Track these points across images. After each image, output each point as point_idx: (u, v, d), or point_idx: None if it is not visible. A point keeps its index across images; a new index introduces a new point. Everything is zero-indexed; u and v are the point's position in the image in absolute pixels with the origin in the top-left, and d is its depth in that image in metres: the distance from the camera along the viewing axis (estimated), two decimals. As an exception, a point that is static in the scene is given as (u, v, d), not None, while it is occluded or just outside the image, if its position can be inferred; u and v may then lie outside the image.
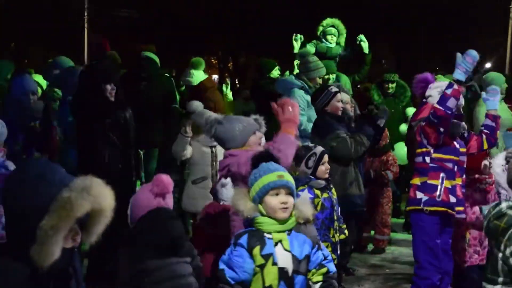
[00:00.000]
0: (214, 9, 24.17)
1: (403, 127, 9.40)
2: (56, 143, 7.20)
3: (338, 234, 5.76)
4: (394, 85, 9.79)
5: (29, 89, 7.18)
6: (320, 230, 5.57)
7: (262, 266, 3.62)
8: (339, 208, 5.83)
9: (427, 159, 5.83)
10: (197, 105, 7.06)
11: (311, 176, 5.61)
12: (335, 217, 5.73)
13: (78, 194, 2.87)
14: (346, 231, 5.94)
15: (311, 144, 5.92)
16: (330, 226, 5.67)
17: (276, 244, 3.66)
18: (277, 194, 3.70)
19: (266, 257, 3.63)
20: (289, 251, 3.68)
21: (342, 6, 18.72)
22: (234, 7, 23.88)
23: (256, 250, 3.60)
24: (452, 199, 5.80)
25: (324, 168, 5.66)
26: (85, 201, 2.87)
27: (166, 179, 4.32)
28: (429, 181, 5.82)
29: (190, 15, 24.04)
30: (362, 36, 9.36)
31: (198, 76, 9.57)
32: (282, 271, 3.65)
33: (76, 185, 2.90)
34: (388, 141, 8.38)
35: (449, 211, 5.82)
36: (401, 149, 9.31)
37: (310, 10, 20.22)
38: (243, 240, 3.61)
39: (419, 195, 5.85)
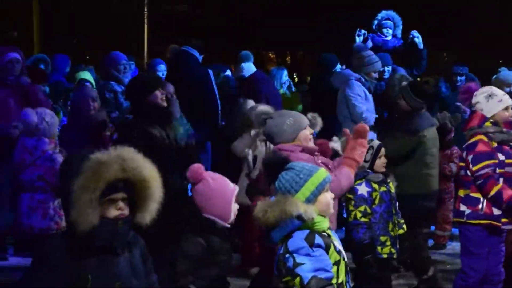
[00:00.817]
0: (270, 3, 24.17)
1: None
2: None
3: (396, 229, 5.69)
4: (463, 78, 9.70)
5: (89, 96, 7.26)
6: (378, 224, 5.54)
7: (337, 263, 3.57)
8: (397, 202, 5.77)
9: (469, 172, 5.70)
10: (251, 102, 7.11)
11: (368, 170, 5.58)
12: (394, 211, 5.67)
13: (108, 157, 2.98)
14: (404, 226, 5.86)
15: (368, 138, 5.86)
16: (389, 220, 5.64)
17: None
18: (327, 190, 3.65)
19: (339, 253, 3.59)
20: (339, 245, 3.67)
21: None
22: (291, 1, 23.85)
23: (332, 248, 3.54)
24: (496, 212, 5.64)
25: (381, 162, 5.62)
26: (115, 164, 2.97)
27: (197, 167, 4.28)
28: (471, 194, 5.70)
29: (246, 8, 24.09)
30: (415, 32, 9.20)
31: (248, 69, 9.54)
32: (347, 266, 3.66)
33: (112, 151, 3.01)
34: (453, 135, 8.21)
35: (494, 223, 5.66)
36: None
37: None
38: (318, 240, 3.50)
39: (463, 207, 5.74)
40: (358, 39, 9.16)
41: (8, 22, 25.88)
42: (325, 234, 3.59)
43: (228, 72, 10.38)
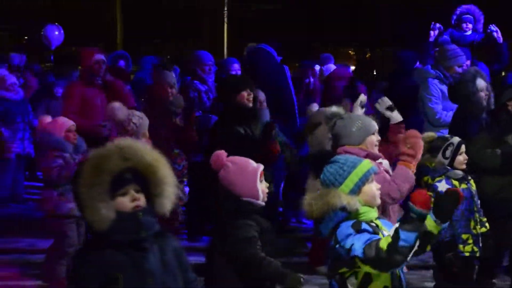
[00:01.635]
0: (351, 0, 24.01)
1: None
2: (194, 138, 7.31)
3: (479, 227, 5.63)
4: None
5: (167, 82, 7.30)
6: (460, 221, 5.48)
7: None
8: (479, 200, 5.70)
9: None
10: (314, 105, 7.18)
11: (448, 167, 5.52)
12: (475, 209, 5.61)
13: (106, 149, 2.95)
14: (487, 224, 5.78)
15: (447, 135, 5.82)
16: (470, 218, 5.56)
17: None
18: (372, 181, 3.68)
19: None
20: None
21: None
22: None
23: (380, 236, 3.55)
24: None
25: (462, 158, 5.55)
26: (114, 155, 2.92)
27: (220, 154, 4.33)
28: None
29: (328, 6, 23.98)
30: (493, 26, 9.02)
31: (328, 70, 9.58)
32: None
33: (110, 144, 2.98)
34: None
35: None
36: None
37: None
38: (365, 226, 3.54)
39: None
40: (433, 34, 9.06)
41: (91, 22, 26.51)
42: (373, 224, 3.61)
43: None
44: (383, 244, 3.36)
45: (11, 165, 9.81)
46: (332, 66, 9.66)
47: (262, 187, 4.23)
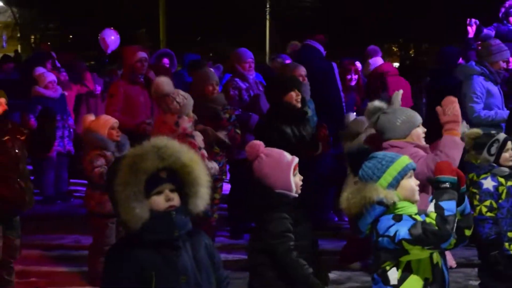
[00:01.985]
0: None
1: None
2: (236, 138, 7.30)
3: (525, 224, 5.53)
4: None
5: (210, 80, 7.28)
6: (505, 219, 5.39)
7: None
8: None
9: None
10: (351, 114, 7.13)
11: (493, 164, 5.44)
12: (522, 206, 5.51)
13: (143, 148, 2.95)
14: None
15: (493, 131, 5.72)
16: (516, 216, 5.47)
17: None
18: (410, 177, 3.66)
19: None
20: None
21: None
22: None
23: None
24: None
25: (507, 155, 5.45)
26: (150, 154, 2.92)
27: (256, 144, 4.31)
28: None
29: (370, 1, 23.81)
30: None
31: (376, 62, 9.48)
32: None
33: (146, 143, 2.97)
34: None
35: None
36: None
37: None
38: (406, 217, 3.54)
39: None
40: (471, 30, 8.93)
41: (136, 20, 26.75)
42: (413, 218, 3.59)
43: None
44: (429, 220, 3.41)
45: (53, 163, 9.93)
46: (379, 60, 9.53)
47: (296, 180, 4.23)
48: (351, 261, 6.95)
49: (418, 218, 3.60)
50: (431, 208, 3.46)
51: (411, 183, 3.65)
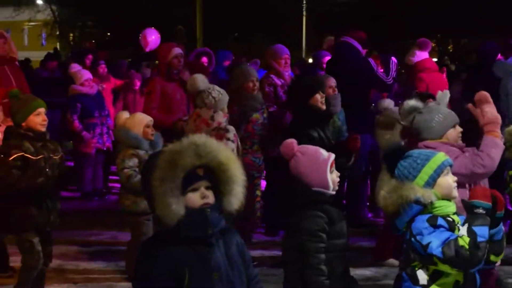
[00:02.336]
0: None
1: None
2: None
3: None
4: None
5: (251, 76, 7.23)
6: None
7: None
8: None
9: None
10: (388, 102, 7.05)
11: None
12: None
13: (181, 145, 2.95)
14: None
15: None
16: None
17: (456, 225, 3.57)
18: (447, 173, 3.62)
19: None
20: None
21: None
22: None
23: (456, 232, 3.50)
24: None
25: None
26: (189, 151, 2.93)
27: (291, 142, 4.29)
28: None
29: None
30: None
31: (421, 56, 9.38)
32: None
33: (185, 140, 2.97)
34: None
35: None
36: None
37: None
38: (441, 221, 3.49)
39: None
40: None
41: (173, 17, 26.88)
42: (449, 218, 3.55)
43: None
44: (462, 243, 3.36)
45: (92, 160, 10.03)
46: (425, 54, 9.41)
47: (333, 177, 4.20)
48: (386, 257, 6.90)
49: (456, 218, 3.56)
50: (463, 231, 3.41)
51: (449, 180, 3.62)
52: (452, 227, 3.50)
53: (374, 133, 6.96)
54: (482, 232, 3.35)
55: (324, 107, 6.43)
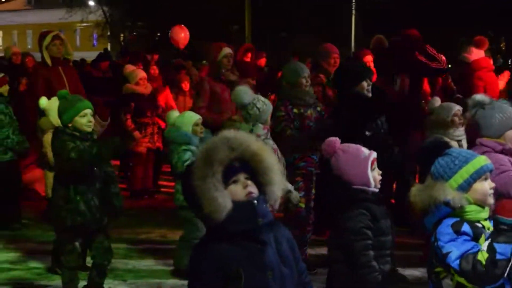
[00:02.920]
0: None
1: None
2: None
3: None
4: None
5: (303, 72, 7.15)
6: None
7: None
8: None
9: None
10: (437, 99, 6.97)
11: None
12: None
13: (214, 141, 3.03)
14: None
15: None
16: None
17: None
18: (485, 179, 3.46)
19: None
20: None
21: None
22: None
23: (482, 240, 3.35)
24: None
25: None
26: (221, 145, 2.99)
27: (333, 141, 4.28)
28: None
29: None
30: None
31: (477, 54, 9.25)
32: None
33: (216, 136, 3.05)
34: None
35: None
36: None
37: None
38: (466, 228, 3.35)
39: None
40: None
41: (222, 17, 27.03)
42: (479, 225, 3.41)
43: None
44: (481, 258, 3.22)
45: (142, 159, 10.12)
46: (481, 53, 9.25)
47: (374, 175, 4.17)
48: None
49: (487, 224, 3.43)
50: (484, 246, 3.27)
51: (485, 186, 3.46)
52: (477, 234, 3.35)
53: (424, 132, 6.88)
54: (504, 249, 3.18)
55: (370, 94, 6.34)
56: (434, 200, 3.42)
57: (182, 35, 10.52)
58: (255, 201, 3.02)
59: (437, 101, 6.96)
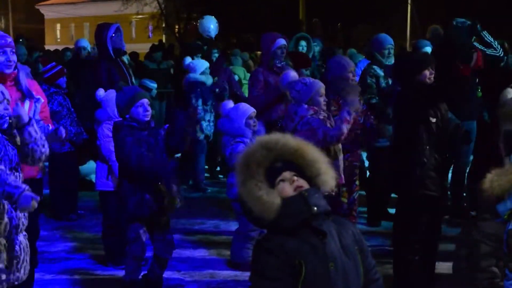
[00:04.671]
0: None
1: None
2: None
3: None
4: None
5: (349, 67, 7.07)
6: None
7: None
8: None
9: None
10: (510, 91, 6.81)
11: None
12: None
13: (250, 147, 3.05)
14: None
15: None
16: None
17: None
18: None
19: None
20: None
21: None
22: None
23: None
24: None
25: None
26: (257, 148, 3.00)
27: None
28: None
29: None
30: None
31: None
32: None
33: (252, 143, 3.08)
34: None
35: None
36: None
37: None
38: None
39: None
40: None
41: (274, 8, 26.99)
42: None
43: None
44: None
45: (204, 147, 10.20)
46: None
47: None
48: None
49: None
50: None
51: None
52: None
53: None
54: None
55: (431, 83, 6.22)
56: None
57: (211, 26, 10.54)
58: (306, 193, 2.99)
59: (510, 93, 6.83)
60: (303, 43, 9.96)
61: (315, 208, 2.97)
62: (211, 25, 10.35)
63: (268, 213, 2.94)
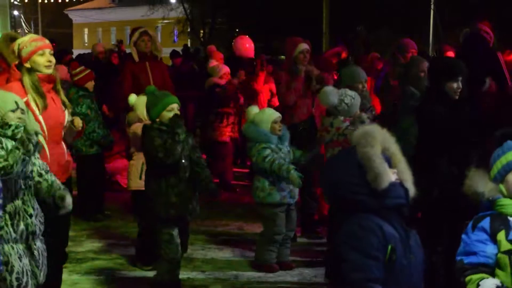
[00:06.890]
0: None
1: None
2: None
3: None
4: None
5: (360, 78, 7.01)
6: None
7: (509, 252, 3.31)
8: None
9: None
10: None
11: None
12: None
13: (358, 133, 3.28)
14: None
15: None
16: None
17: None
18: None
19: None
20: None
21: None
22: None
23: (501, 235, 3.32)
24: None
25: None
26: (378, 130, 3.25)
27: None
28: None
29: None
30: None
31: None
32: None
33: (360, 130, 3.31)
34: None
35: None
36: None
37: None
38: (485, 223, 3.35)
39: None
40: None
41: (298, 13, 27.01)
42: (510, 219, 3.36)
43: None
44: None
45: (230, 148, 10.34)
46: None
47: None
48: None
49: None
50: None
51: None
52: (498, 228, 3.33)
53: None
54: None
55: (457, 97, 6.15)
56: (471, 190, 3.45)
57: (247, 45, 10.74)
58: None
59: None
60: None
61: (406, 199, 3.25)
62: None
63: (382, 182, 3.14)
